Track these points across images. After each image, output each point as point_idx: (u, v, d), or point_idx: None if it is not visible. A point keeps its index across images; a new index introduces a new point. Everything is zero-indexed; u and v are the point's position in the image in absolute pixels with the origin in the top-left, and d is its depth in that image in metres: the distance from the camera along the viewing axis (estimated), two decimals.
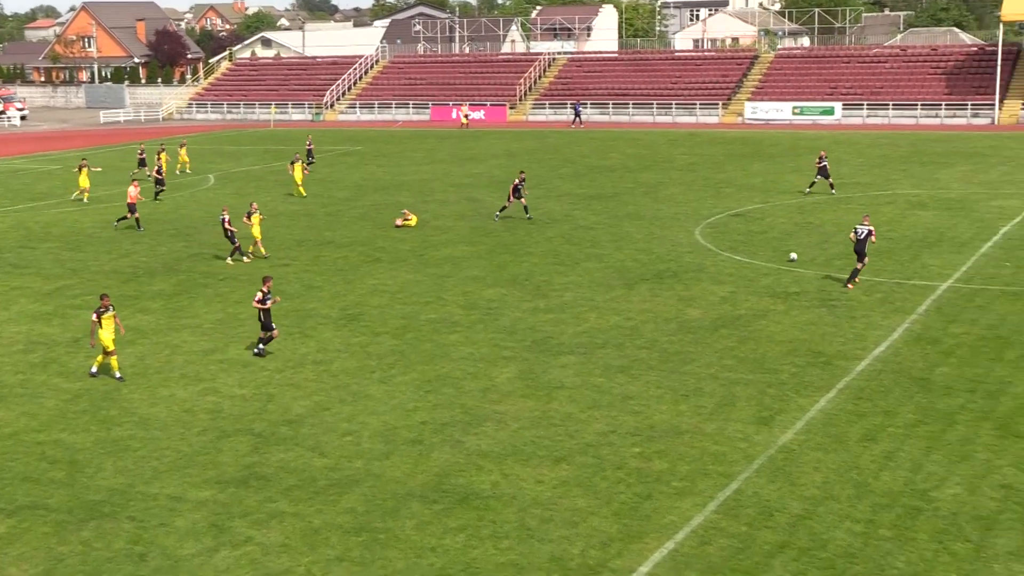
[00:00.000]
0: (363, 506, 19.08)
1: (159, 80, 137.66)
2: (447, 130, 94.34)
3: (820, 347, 27.56)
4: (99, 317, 26.04)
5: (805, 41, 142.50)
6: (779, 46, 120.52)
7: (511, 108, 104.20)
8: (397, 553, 17.39)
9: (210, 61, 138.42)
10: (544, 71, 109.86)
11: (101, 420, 23.73)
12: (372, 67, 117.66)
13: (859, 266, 33.65)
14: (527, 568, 16.82)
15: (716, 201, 50.90)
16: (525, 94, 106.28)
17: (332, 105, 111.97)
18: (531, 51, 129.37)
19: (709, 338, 28.63)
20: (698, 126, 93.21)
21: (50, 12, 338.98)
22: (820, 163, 52.00)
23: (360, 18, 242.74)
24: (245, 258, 39.85)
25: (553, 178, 60.43)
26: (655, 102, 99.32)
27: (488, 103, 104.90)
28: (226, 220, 39.83)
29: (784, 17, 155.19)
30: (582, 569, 16.73)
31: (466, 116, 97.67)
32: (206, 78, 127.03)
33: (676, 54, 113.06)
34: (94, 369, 26.67)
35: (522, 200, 46.66)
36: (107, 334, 26.06)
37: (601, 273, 36.55)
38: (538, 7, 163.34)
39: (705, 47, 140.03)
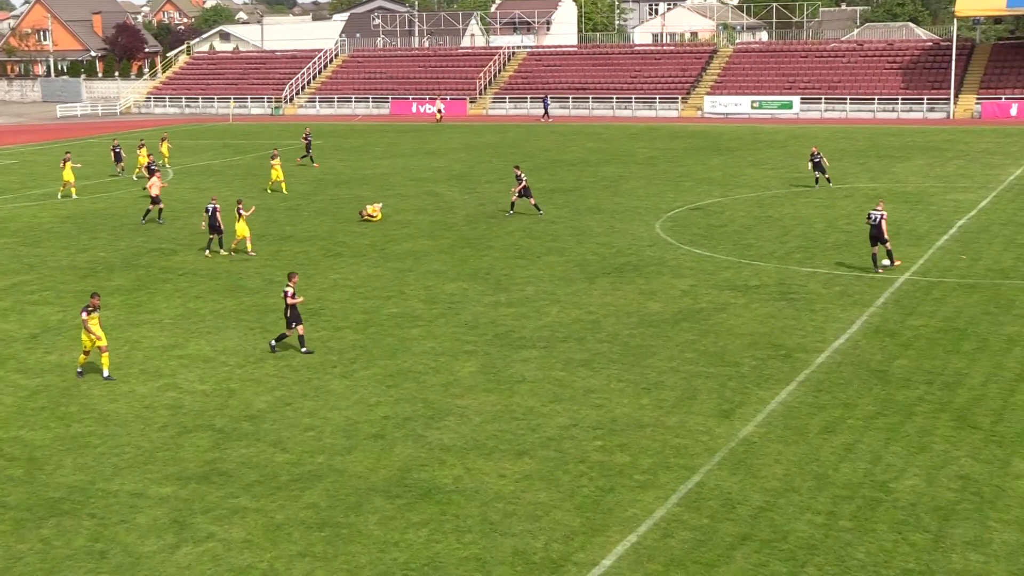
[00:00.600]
0: (325, 501, 19.02)
1: (116, 74, 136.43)
2: (407, 124, 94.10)
3: (780, 340, 27.72)
4: (87, 315, 25.50)
5: (763, 35, 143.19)
6: (737, 40, 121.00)
7: (471, 102, 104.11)
8: (360, 548, 17.35)
9: (168, 55, 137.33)
10: (504, 65, 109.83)
11: (60, 417, 23.53)
12: (331, 61, 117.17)
13: (875, 249, 34.52)
14: (490, 562, 16.82)
15: (676, 195, 51.07)
16: (485, 88, 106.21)
17: (291, 99, 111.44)
18: (491, 45, 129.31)
19: (670, 331, 28.72)
20: (658, 120, 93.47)
21: (4, 5, 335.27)
22: (814, 159, 51.79)
23: (319, 12, 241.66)
24: (210, 252, 39.66)
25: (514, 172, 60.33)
26: (615, 96, 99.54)
27: (448, 97, 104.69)
28: (217, 210, 39.62)
29: (742, 12, 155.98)
30: (545, 563, 16.75)
31: (440, 111, 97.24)
32: (164, 72, 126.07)
33: (635, 48, 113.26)
34: (106, 373, 25.94)
35: (530, 200, 46.04)
36: (95, 331, 25.62)
37: (562, 267, 36.59)
38: (497, 1, 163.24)
39: (664, 41, 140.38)
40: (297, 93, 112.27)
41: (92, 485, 19.94)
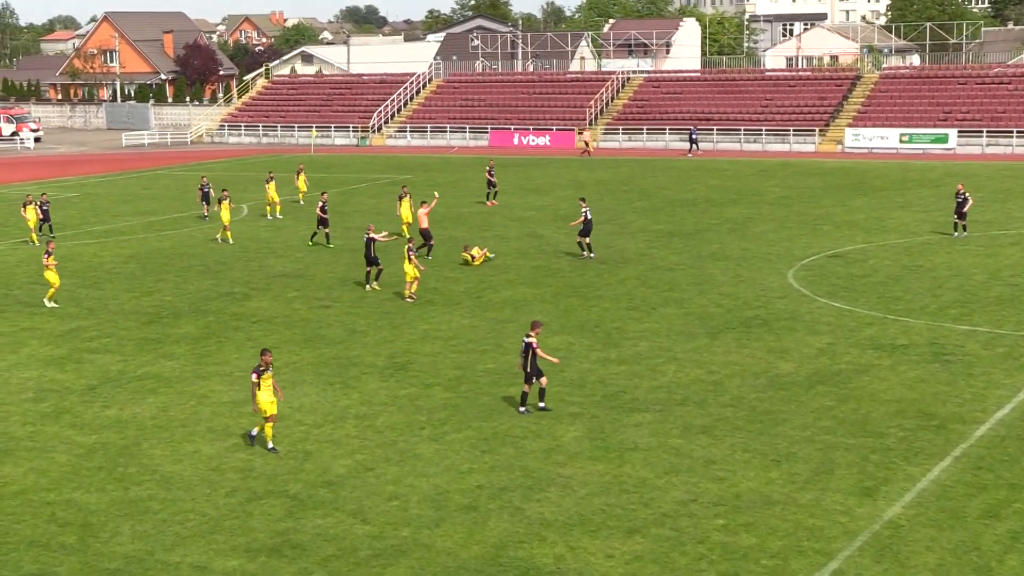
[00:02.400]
0: None
1: (188, 99, 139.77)
2: (509, 157, 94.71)
3: (932, 408, 27.25)
4: (259, 376, 24.97)
5: (915, 59, 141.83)
6: (885, 65, 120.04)
7: (580, 133, 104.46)
8: None
9: (244, 78, 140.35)
10: (617, 92, 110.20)
11: (118, 478, 23.91)
12: (425, 86, 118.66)
13: None
14: None
15: (812, 240, 50.65)
16: (596, 117, 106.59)
17: (379, 128, 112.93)
18: (603, 69, 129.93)
19: (804, 396, 28.41)
20: (792, 155, 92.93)
21: (69, 23, 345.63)
22: (959, 198, 51.01)
23: (411, 32, 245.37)
24: (371, 286, 41.41)
25: (627, 212, 60.41)
26: (742, 128, 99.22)
27: (554, 128, 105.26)
28: (373, 241, 41.15)
29: (890, 32, 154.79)
30: None
31: (586, 142, 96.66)
32: (240, 97, 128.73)
33: (767, 74, 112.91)
34: (270, 444, 25.34)
35: (586, 238, 47.13)
36: (266, 396, 24.96)
37: (681, 320, 36.43)
38: (611, 20, 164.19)
39: (800, 66, 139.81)
40: (386, 122, 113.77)
41: (151, 556, 20.19)
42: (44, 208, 55.17)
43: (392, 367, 31.76)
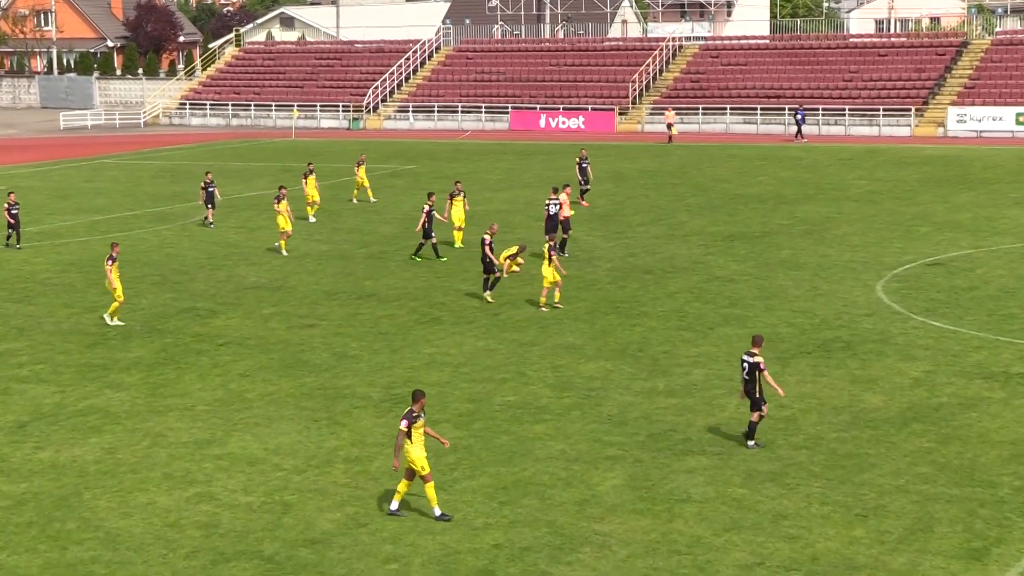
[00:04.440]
0: None
1: (140, 71, 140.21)
2: (533, 143, 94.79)
3: None
4: (410, 426, 24.28)
5: None
6: (998, 29, 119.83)
7: (621, 114, 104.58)
8: None
9: (210, 46, 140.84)
10: (667, 63, 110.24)
11: (54, 536, 23.94)
12: (431, 56, 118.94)
13: None
14: None
15: (906, 244, 50.59)
16: (640, 94, 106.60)
17: (376, 108, 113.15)
18: (649, 36, 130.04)
19: (896, 436, 28.38)
20: (881, 140, 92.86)
21: None
22: None
23: None
24: (488, 297, 41.95)
25: (678, 210, 60.40)
26: (820, 107, 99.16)
27: (589, 107, 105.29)
28: (488, 242, 41.85)
29: None
30: None
31: (670, 125, 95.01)
32: (204, 69, 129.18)
33: (851, 41, 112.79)
34: (395, 505, 24.72)
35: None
36: (418, 450, 24.19)
37: (744, 343, 36.32)
38: None
39: (892, 31, 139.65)
40: (384, 100, 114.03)
41: None
42: (13, 212, 53.43)
43: (390, 400, 31.78)
